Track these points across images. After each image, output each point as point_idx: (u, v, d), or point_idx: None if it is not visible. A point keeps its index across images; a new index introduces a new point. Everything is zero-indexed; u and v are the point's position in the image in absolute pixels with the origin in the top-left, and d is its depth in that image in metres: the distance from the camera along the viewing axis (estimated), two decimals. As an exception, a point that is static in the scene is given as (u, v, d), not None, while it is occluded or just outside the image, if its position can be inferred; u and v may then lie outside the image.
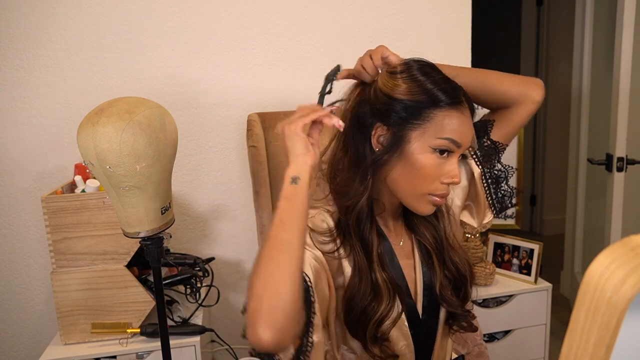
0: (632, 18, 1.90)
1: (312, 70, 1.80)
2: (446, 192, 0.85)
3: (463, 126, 0.82)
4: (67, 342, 1.42)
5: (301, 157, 0.76)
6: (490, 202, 0.99)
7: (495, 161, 0.98)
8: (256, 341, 0.66)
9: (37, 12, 1.60)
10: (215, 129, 1.77)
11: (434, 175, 0.83)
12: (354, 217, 0.86)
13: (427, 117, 0.81)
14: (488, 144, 0.97)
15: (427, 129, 0.82)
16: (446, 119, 0.81)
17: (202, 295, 1.56)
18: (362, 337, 0.87)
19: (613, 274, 0.32)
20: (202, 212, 1.81)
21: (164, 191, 1.01)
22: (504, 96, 0.95)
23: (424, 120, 0.81)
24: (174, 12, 1.68)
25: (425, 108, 0.81)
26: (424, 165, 0.82)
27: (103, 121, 0.90)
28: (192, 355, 1.42)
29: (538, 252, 1.75)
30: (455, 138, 0.81)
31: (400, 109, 0.82)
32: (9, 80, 1.61)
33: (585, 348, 0.34)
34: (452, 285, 0.94)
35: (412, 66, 0.85)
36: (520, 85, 0.95)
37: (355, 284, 0.86)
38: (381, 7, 1.83)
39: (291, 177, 0.75)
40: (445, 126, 0.81)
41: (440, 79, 0.83)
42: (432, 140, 0.81)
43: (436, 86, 0.82)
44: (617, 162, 1.99)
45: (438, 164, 0.83)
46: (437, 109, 0.81)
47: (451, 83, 0.83)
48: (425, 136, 0.82)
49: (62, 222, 1.36)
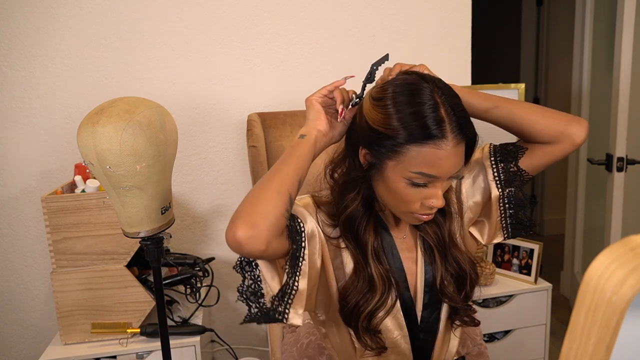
0: (632, 18, 1.90)
1: (312, 70, 1.80)
2: (430, 212, 0.85)
3: (440, 160, 0.78)
4: (67, 342, 1.42)
5: (312, 121, 0.87)
6: (503, 225, 0.97)
7: (517, 188, 0.94)
8: (231, 236, 0.74)
9: (37, 12, 1.60)
10: (215, 129, 1.77)
11: (414, 200, 0.83)
12: (345, 218, 0.89)
13: (400, 150, 0.79)
14: (514, 170, 0.94)
15: (401, 161, 0.80)
16: (420, 153, 0.78)
17: (202, 295, 1.56)
18: (354, 327, 0.90)
19: (613, 274, 0.32)
20: (202, 212, 1.81)
21: (164, 191, 1.01)
22: (542, 134, 0.90)
23: (396, 153, 0.80)
24: (174, 12, 1.68)
25: (396, 141, 0.79)
26: (398, 191, 0.83)
27: (103, 121, 0.90)
28: (192, 355, 1.42)
29: (538, 252, 1.75)
30: (429, 172, 0.79)
31: (376, 138, 0.82)
32: (9, 80, 1.61)
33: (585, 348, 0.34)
34: (455, 282, 0.95)
35: (390, 93, 0.82)
36: (561, 124, 0.90)
37: (354, 281, 0.89)
38: (381, 7, 1.83)
39: (300, 134, 0.86)
40: (419, 161, 0.79)
41: (417, 111, 0.78)
42: (405, 172, 0.80)
43: (411, 120, 0.78)
44: (617, 162, 1.99)
45: (415, 191, 0.82)
46: (409, 144, 0.78)
47: (432, 115, 0.78)
48: (399, 167, 0.81)
49: (62, 222, 1.36)
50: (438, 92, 0.80)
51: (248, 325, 1.90)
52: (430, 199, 0.83)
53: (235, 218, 0.75)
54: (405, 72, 0.86)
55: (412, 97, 0.80)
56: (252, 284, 0.81)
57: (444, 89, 0.82)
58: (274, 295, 0.80)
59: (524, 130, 0.91)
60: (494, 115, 0.91)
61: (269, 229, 0.75)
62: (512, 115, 0.90)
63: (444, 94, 0.81)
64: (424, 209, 0.84)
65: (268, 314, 0.80)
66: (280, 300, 0.80)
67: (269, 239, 0.75)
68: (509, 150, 0.95)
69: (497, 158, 0.95)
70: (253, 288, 0.81)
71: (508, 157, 0.94)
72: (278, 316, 0.80)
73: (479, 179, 0.97)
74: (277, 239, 0.78)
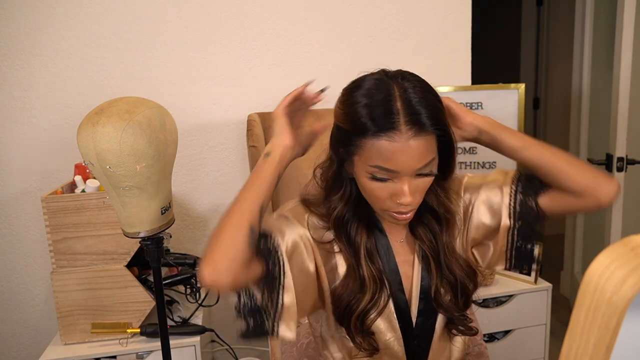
0: (632, 18, 1.90)
1: (312, 70, 1.80)
2: (402, 211, 0.84)
3: (394, 153, 0.78)
4: (67, 342, 1.42)
5: (277, 137, 0.88)
6: (508, 257, 0.96)
7: (529, 224, 0.92)
8: (201, 278, 0.76)
9: (37, 12, 1.60)
10: (215, 129, 1.77)
11: (382, 196, 0.83)
12: (334, 220, 0.90)
13: (358, 144, 0.80)
14: (532, 205, 0.91)
15: (362, 155, 0.81)
16: (374, 146, 0.78)
17: (202, 295, 1.56)
18: (347, 327, 0.90)
19: (613, 274, 0.32)
20: (202, 212, 1.81)
21: (164, 191, 1.01)
22: (568, 185, 0.88)
23: (357, 148, 0.81)
24: (174, 12, 1.68)
25: (355, 136, 0.80)
26: (366, 187, 0.84)
27: (103, 121, 0.90)
28: (192, 355, 1.42)
29: (538, 252, 1.75)
30: (385, 166, 0.79)
31: (341, 135, 0.84)
32: (9, 80, 1.61)
33: (585, 348, 0.34)
34: (451, 291, 0.94)
35: (350, 90, 0.84)
36: (590, 180, 0.87)
37: (347, 282, 0.90)
38: (381, 7, 1.83)
39: (264, 152, 0.87)
40: (374, 154, 0.79)
41: (370, 104, 0.79)
42: (366, 166, 0.81)
43: (364, 113, 0.79)
44: (617, 162, 1.99)
45: (380, 186, 0.82)
46: (364, 137, 0.79)
47: (384, 107, 0.78)
48: (362, 162, 0.81)
49: (62, 222, 1.36)
50: (400, 86, 0.80)
51: (248, 325, 1.90)
52: (397, 196, 0.81)
53: (202, 258, 0.78)
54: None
55: (368, 91, 0.81)
56: (247, 301, 0.82)
57: (411, 83, 0.81)
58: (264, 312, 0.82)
59: (550, 176, 0.89)
60: (524, 157, 0.90)
61: (229, 264, 0.76)
62: (540, 159, 0.89)
63: (409, 87, 0.80)
64: (396, 205, 0.83)
65: (256, 330, 0.82)
66: (267, 317, 0.82)
67: (234, 273, 0.76)
68: (533, 182, 0.93)
69: (518, 187, 0.93)
70: (249, 305, 0.82)
71: (529, 190, 0.92)
72: (268, 332, 0.82)
73: (493, 201, 0.94)
74: (245, 268, 0.78)
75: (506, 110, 1.79)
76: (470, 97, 1.79)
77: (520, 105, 1.78)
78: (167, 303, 1.52)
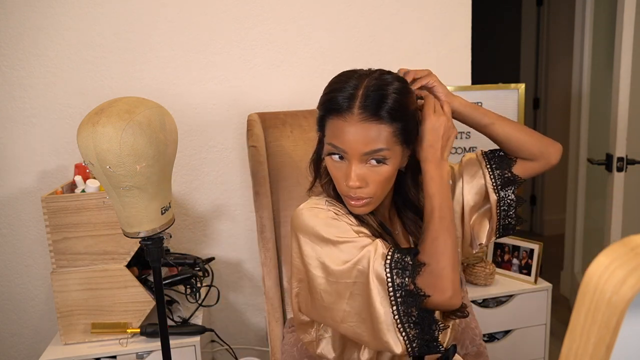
0: (632, 18, 1.90)
1: (312, 70, 1.80)
2: (352, 196, 0.89)
3: (346, 134, 0.85)
4: (67, 342, 1.42)
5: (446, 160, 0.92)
6: (498, 226, 1.04)
7: (510, 191, 1.03)
8: (451, 303, 0.83)
9: (37, 12, 1.60)
10: (215, 129, 1.77)
11: (337, 177, 0.90)
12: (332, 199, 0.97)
13: (324, 125, 0.90)
14: (508, 175, 1.03)
15: (326, 135, 0.90)
16: (332, 124, 0.88)
17: (202, 295, 1.56)
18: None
19: (613, 274, 0.32)
20: (202, 212, 1.81)
21: (163, 191, 1.01)
22: (528, 152, 1.02)
23: (324, 128, 0.90)
24: (174, 12, 1.68)
25: (324, 118, 0.90)
26: (329, 166, 0.91)
27: (103, 121, 0.90)
28: (192, 355, 1.42)
29: (538, 252, 1.75)
30: (336, 144, 0.87)
31: (318, 120, 0.92)
32: (9, 80, 1.61)
33: (585, 348, 0.34)
34: None
35: (331, 80, 0.92)
36: (542, 145, 1.02)
37: None
38: (381, 7, 1.83)
39: (450, 180, 0.93)
40: (330, 132, 0.88)
41: (336, 88, 0.88)
42: (326, 145, 0.90)
43: (327, 97, 0.88)
44: (617, 162, 1.99)
45: (337, 166, 0.89)
46: (328, 117, 0.88)
47: (341, 92, 0.86)
48: (325, 141, 0.90)
49: (62, 222, 1.36)
50: (367, 78, 0.87)
51: (248, 325, 1.90)
52: (346, 178, 0.88)
53: (444, 283, 0.83)
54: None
55: (340, 78, 0.90)
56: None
57: (381, 78, 0.88)
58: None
59: (512, 147, 1.02)
60: (492, 131, 1.01)
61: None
62: (505, 133, 1.01)
63: (375, 81, 0.87)
64: (347, 189, 0.89)
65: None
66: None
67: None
68: (501, 157, 1.04)
69: (492, 165, 1.03)
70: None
71: (503, 164, 1.03)
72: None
73: (477, 184, 1.04)
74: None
75: (506, 110, 1.79)
76: (470, 97, 1.79)
77: (520, 105, 1.78)
78: (167, 303, 1.52)
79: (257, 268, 1.86)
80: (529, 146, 1.01)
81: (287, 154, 1.50)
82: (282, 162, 1.48)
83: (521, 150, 1.01)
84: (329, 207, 0.94)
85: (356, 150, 0.85)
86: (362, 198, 0.89)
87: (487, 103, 1.79)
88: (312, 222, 0.91)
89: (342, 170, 0.89)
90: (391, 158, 0.87)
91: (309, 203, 0.96)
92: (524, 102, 1.77)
